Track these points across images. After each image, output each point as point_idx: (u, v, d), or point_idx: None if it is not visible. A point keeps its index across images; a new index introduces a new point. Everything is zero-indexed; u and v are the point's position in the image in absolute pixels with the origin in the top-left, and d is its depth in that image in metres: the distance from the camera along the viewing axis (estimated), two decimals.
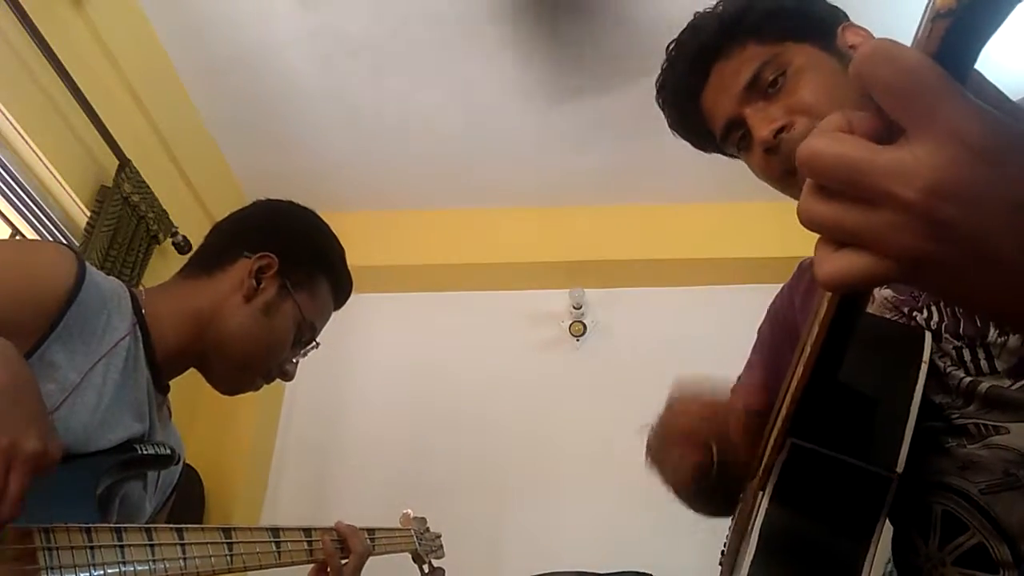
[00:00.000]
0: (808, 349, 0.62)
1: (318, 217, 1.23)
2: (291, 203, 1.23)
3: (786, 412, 0.69)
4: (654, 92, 1.03)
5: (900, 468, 0.67)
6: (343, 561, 1.12)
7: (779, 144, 0.86)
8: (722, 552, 1.00)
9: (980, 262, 0.33)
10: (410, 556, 1.54)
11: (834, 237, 0.36)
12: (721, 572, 0.94)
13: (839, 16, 0.90)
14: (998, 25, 0.32)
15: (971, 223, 0.32)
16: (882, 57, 0.33)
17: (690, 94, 0.96)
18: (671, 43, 0.98)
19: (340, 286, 1.22)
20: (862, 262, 0.34)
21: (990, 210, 0.32)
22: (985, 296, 0.35)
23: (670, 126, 1.03)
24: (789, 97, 0.86)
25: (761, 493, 0.75)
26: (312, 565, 1.12)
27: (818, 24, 0.89)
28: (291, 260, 1.12)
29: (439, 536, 1.68)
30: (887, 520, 0.76)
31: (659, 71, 1.01)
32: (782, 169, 0.87)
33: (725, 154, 1.00)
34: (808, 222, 0.36)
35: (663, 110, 1.02)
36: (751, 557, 0.72)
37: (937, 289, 0.37)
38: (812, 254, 1.07)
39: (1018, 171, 0.32)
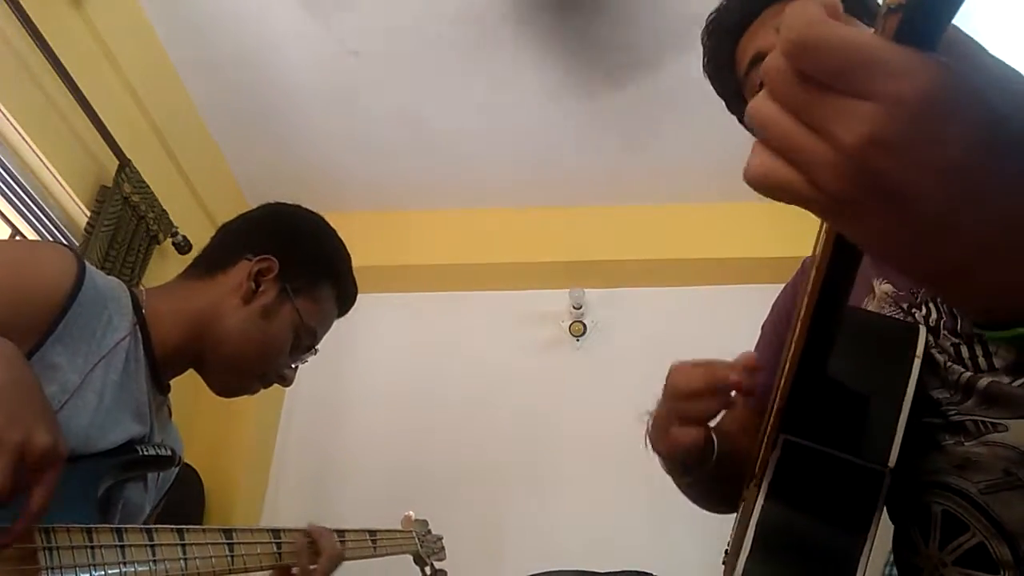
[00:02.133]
0: (793, 345, 0.62)
1: (325, 223, 1.22)
2: (299, 207, 1.22)
3: (777, 408, 0.69)
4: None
5: (892, 462, 0.67)
6: (312, 567, 1.08)
7: None
8: (725, 551, 1.00)
9: (901, 217, 0.35)
10: (412, 558, 1.54)
11: (773, 144, 0.36)
12: (724, 571, 0.94)
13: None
14: (952, 14, 0.32)
15: (900, 177, 0.33)
16: (812, 44, 0.34)
17: (734, 32, 0.95)
18: None
19: (344, 294, 1.20)
20: (791, 176, 0.36)
21: (920, 167, 0.33)
22: (904, 253, 0.37)
23: (704, 67, 1.02)
24: None
25: (757, 489, 0.75)
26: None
27: (866, 5, 0.88)
28: (292, 264, 1.11)
29: (441, 538, 1.68)
30: (889, 519, 0.76)
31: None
32: None
33: (742, 108, 0.98)
34: (755, 118, 0.37)
35: (704, 47, 1.01)
36: (747, 552, 0.72)
37: (857, 235, 0.38)
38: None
39: (958, 133, 0.33)
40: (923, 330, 0.75)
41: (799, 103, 0.35)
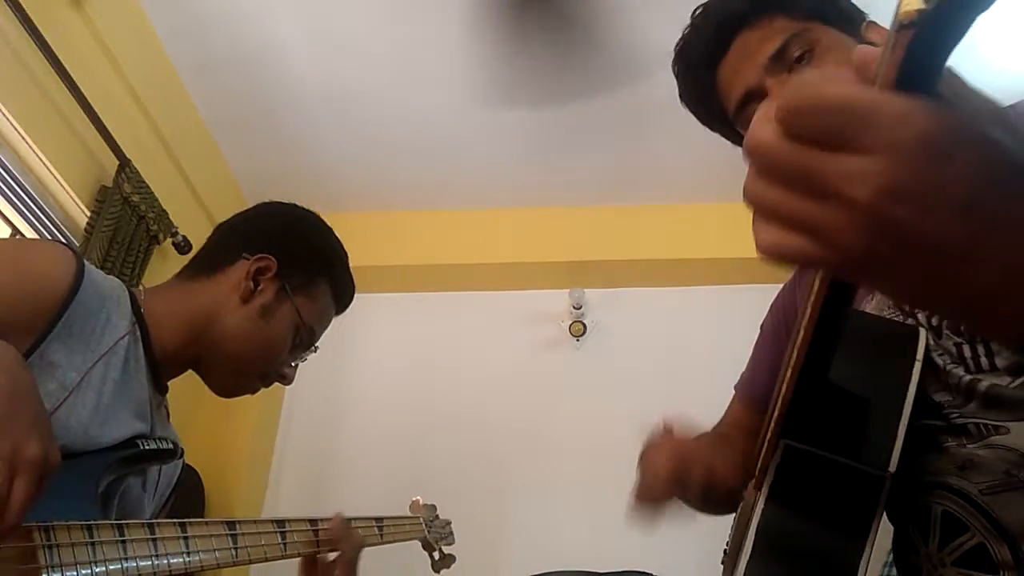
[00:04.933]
0: (796, 351, 0.62)
1: (321, 221, 1.22)
2: (294, 206, 1.23)
3: (778, 413, 0.69)
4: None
5: (893, 467, 0.67)
6: (331, 557, 1.08)
7: None
8: (724, 551, 1.00)
9: (927, 259, 0.35)
10: (420, 544, 1.52)
11: (780, 221, 0.37)
12: (723, 572, 0.94)
13: (862, 14, 0.91)
14: (963, 34, 0.32)
15: (919, 222, 0.34)
16: (806, 108, 0.34)
17: (709, 61, 0.91)
18: (697, 8, 0.94)
19: (342, 291, 1.21)
20: (806, 246, 0.36)
21: (935, 207, 0.34)
22: (933, 292, 0.37)
23: (680, 96, 0.98)
24: None
25: (758, 493, 0.75)
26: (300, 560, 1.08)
27: (846, 14, 0.90)
28: (291, 263, 1.12)
29: (449, 523, 1.66)
30: (888, 519, 0.76)
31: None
32: None
33: (731, 133, 0.96)
34: (755, 202, 0.37)
35: (677, 78, 0.97)
36: (747, 556, 0.72)
37: (881, 284, 0.38)
38: None
39: (962, 168, 0.34)
40: (923, 333, 0.75)
41: (800, 172, 0.35)
